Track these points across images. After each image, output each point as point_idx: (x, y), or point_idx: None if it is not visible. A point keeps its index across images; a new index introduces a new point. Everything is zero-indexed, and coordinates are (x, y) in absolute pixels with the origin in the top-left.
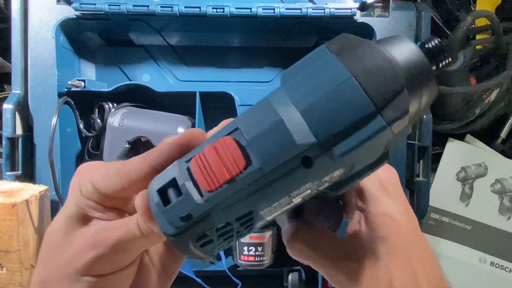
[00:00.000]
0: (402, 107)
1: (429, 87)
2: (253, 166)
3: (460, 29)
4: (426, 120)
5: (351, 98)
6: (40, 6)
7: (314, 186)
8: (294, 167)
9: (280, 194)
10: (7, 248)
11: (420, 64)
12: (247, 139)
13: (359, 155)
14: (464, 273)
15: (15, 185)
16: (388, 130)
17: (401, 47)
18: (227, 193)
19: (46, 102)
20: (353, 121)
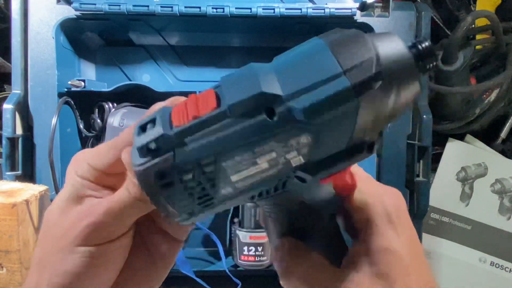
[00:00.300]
0: (368, 71)
1: (409, 83)
2: (220, 108)
3: (460, 29)
4: (426, 120)
5: (320, 60)
6: (40, 6)
7: (280, 150)
8: (258, 116)
9: (244, 147)
10: (7, 248)
11: (402, 57)
12: (222, 90)
13: (324, 119)
14: (464, 273)
15: (15, 185)
16: (353, 95)
17: (388, 39)
18: (193, 130)
19: (46, 102)
20: (318, 79)
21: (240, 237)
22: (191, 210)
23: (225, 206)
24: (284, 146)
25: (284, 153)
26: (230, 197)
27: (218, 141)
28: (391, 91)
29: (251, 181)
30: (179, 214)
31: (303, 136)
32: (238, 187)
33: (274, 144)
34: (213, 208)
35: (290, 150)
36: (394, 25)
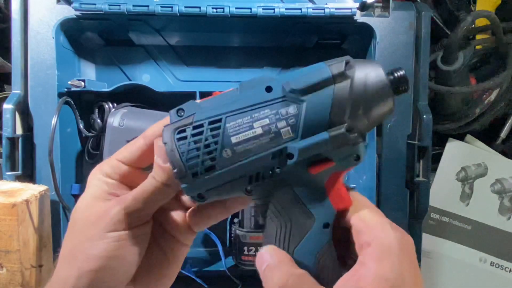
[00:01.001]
0: (341, 67)
1: (384, 100)
2: (233, 89)
3: (460, 29)
4: (426, 120)
5: (318, 68)
6: (40, 6)
7: (273, 117)
8: (260, 90)
9: (244, 112)
10: (7, 248)
11: (381, 80)
12: (240, 85)
13: (309, 96)
14: (464, 273)
15: (15, 185)
16: (331, 81)
17: (371, 64)
18: (210, 101)
19: (46, 102)
20: (308, 71)
21: (240, 237)
22: (196, 169)
23: (226, 175)
24: (276, 114)
25: (275, 121)
26: (230, 163)
27: (226, 105)
28: (359, 89)
29: (248, 145)
30: (186, 173)
31: (291, 106)
32: (236, 150)
33: (267, 111)
34: (214, 171)
35: (280, 118)
36: (394, 25)
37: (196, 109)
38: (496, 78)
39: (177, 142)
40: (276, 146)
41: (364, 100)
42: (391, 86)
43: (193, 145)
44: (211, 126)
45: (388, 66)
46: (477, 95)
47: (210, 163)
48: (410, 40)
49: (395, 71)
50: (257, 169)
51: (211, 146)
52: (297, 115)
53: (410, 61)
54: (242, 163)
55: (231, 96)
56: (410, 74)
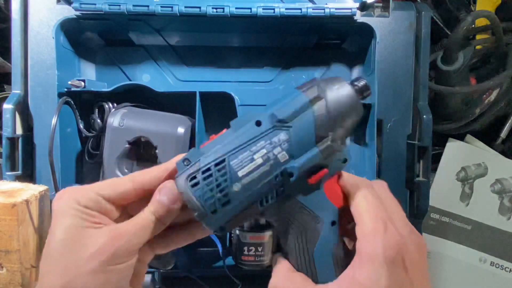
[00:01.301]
0: (314, 92)
1: (353, 107)
2: (226, 129)
3: (460, 29)
4: (426, 120)
5: (292, 95)
6: (40, 6)
7: (268, 147)
8: (251, 126)
9: (243, 148)
10: (7, 248)
11: (348, 94)
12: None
13: (294, 121)
14: (464, 273)
15: (15, 185)
16: (309, 104)
17: (337, 81)
18: (210, 145)
19: (46, 102)
20: (288, 100)
21: (240, 237)
22: (214, 208)
23: (241, 205)
24: (270, 143)
25: (271, 149)
26: (241, 195)
27: (225, 146)
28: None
29: (253, 176)
30: (206, 213)
31: (282, 133)
32: (244, 182)
33: (263, 143)
34: (229, 205)
35: (275, 146)
36: (394, 25)
37: (199, 155)
38: (496, 78)
39: (191, 189)
40: (277, 170)
41: (340, 114)
42: (357, 96)
43: (206, 188)
44: (217, 168)
45: (389, 66)
46: (477, 95)
47: (225, 199)
48: (410, 40)
49: (357, 81)
50: (265, 193)
51: (222, 184)
52: (288, 140)
53: (410, 61)
54: (252, 191)
55: (227, 137)
56: (410, 74)
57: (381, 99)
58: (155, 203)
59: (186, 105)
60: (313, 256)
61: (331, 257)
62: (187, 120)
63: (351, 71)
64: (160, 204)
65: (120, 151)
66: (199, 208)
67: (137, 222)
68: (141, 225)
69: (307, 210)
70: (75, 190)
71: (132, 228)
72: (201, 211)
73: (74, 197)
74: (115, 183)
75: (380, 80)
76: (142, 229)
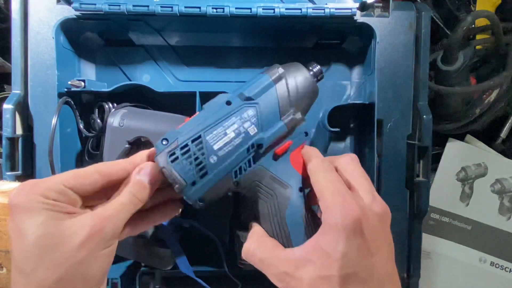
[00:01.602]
0: (276, 72)
1: (312, 89)
2: (201, 111)
3: (460, 29)
4: (426, 120)
5: (261, 78)
6: (40, 6)
7: (239, 122)
8: (222, 106)
9: (216, 124)
10: (7, 248)
11: (304, 75)
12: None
13: (261, 97)
14: (464, 273)
15: (15, 185)
16: (272, 83)
17: (295, 66)
18: (186, 125)
19: (46, 102)
20: (254, 81)
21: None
22: (193, 179)
23: (217, 176)
24: (240, 118)
25: (241, 124)
26: (217, 166)
27: (200, 124)
28: (293, 86)
29: (227, 148)
30: (186, 185)
31: (250, 109)
32: (220, 154)
33: (234, 118)
34: (207, 176)
35: (245, 121)
36: (394, 25)
37: (176, 135)
38: (496, 78)
39: (172, 164)
40: (248, 142)
41: (299, 92)
42: (313, 78)
43: (185, 162)
44: (195, 143)
45: (388, 66)
46: (477, 95)
47: (203, 171)
48: (410, 40)
49: (312, 66)
50: (238, 164)
51: (200, 158)
52: (256, 115)
53: (410, 61)
54: (227, 162)
55: (201, 117)
56: (410, 74)
57: (381, 99)
58: (135, 184)
59: (186, 105)
60: (285, 220)
61: (302, 223)
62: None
63: (351, 71)
64: (139, 184)
65: (120, 151)
66: (180, 180)
67: (118, 204)
68: (122, 206)
69: (276, 178)
70: (37, 184)
71: (115, 211)
72: (182, 184)
73: (38, 191)
74: (81, 175)
75: (380, 80)
76: (123, 210)
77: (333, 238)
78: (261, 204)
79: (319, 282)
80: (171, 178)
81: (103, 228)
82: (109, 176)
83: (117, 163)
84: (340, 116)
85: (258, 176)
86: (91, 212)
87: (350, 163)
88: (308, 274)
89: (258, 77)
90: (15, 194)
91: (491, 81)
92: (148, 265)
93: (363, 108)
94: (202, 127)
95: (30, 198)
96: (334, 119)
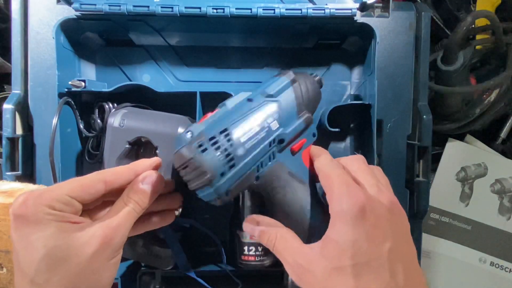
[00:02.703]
0: (291, 75)
1: (318, 93)
2: (221, 107)
3: (460, 29)
4: (426, 120)
5: (274, 79)
6: (40, 6)
7: (262, 117)
8: (244, 102)
9: (242, 119)
10: (7, 248)
11: (312, 81)
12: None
13: (281, 95)
14: (463, 273)
15: (15, 185)
16: (289, 84)
17: (303, 73)
18: (211, 118)
19: (46, 102)
20: (273, 81)
21: (241, 237)
22: (222, 170)
23: (243, 169)
24: (263, 113)
25: (265, 118)
26: (244, 158)
27: (225, 118)
28: (305, 89)
29: (253, 141)
30: (215, 175)
31: (272, 106)
32: (247, 147)
33: (257, 113)
34: (235, 168)
35: (268, 116)
36: (394, 25)
37: (200, 128)
38: (496, 78)
39: (201, 154)
40: (270, 137)
41: (310, 95)
42: (319, 84)
43: (214, 152)
44: (223, 135)
45: (389, 66)
46: (477, 95)
47: (231, 162)
48: (410, 40)
49: (315, 76)
50: (261, 158)
51: (228, 149)
52: (277, 111)
53: (410, 61)
54: (252, 155)
55: (224, 112)
56: (410, 74)
57: (381, 99)
58: (139, 192)
59: (186, 105)
60: (304, 215)
61: (320, 219)
62: (188, 120)
63: (351, 71)
64: (143, 192)
65: (120, 151)
66: (211, 170)
67: (125, 213)
68: (128, 215)
69: (293, 174)
70: (42, 195)
71: (122, 220)
72: (212, 174)
73: (45, 202)
74: (86, 185)
75: (380, 80)
76: (130, 219)
77: (340, 226)
78: (280, 199)
79: (333, 274)
80: (202, 168)
81: (113, 238)
82: (112, 184)
83: (121, 172)
84: (340, 116)
85: (276, 171)
86: (100, 223)
87: (356, 161)
88: (321, 268)
89: (274, 78)
90: (20, 205)
91: (491, 81)
92: (148, 265)
93: (363, 108)
94: (228, 120)
95: (37, 210)
96: (334, 119)
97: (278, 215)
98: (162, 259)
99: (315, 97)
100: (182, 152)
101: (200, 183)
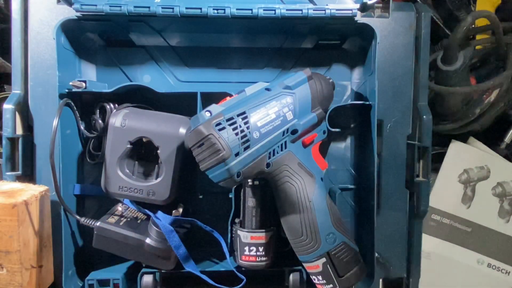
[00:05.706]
0: (308, 72)
1: (331, 92)
2: (240, 93)
3: (460, 29)
4: (426, 120)
5: (292, 74)
6: (41, 6)
7: (279, 106)
8: (262, 91)
9: (260, 105)
10: (7, 249)
11: (327, 80)
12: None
13: (297, 88)
14: (461, 274)
15: (15, 185)
16: (306, 79)
17: (317, 73)
18: (230, 100)
19: (46, 103)
20: (291, 75)
21: (241, 237)
22: (237, 150)
23: (257, 152)
24: (280, 103)
25: (281, 108)
26: (259, 141)
27: (243, 102)
28: (320, 86)
29: (268, 127)
30: (230, 154)
31: (288, 97)
32: (262, 131)
33: (274, 102)
34: (249, 150)
35: (284, 106)
36: (394, 25)
37: (219, 109)
38: (496, 78)
39: (219, 131)
40: (285, 126)
41: (324, 93)
42: (332, 86)
43: (231, 132)
44: (241, 117)
45: (389, 67)
46: (477, 95)
47: (247, 144)
48: (410, 40)
49: (330, 79)
50: (273, 146)
51: (245, 131)
52: (293, 103)
53: (410, 61)
54: (266, 140)
55: (243, 97)
56: (410, 74)
57: (381, 99)
58: None
59: (187, 105)
60: (312, 205)
61: (327, 209)
62: (188, 121)
63: (352, 71)
64: None
65: (122, 152)
66: (227, 148)
67: None
68: None
69: (303, 165)
70: None
71: None
72: (228, 151)
73: None
74: None
75: (380, 81)
76: None
77: None
78: (289, 187)
79: None
80: (217, 145)
81: None
82: None
83: None
84: (341, 116)
85: (287, 161)
86: None
87: None
88: None
89: (292, 73)
90: None
91: (491, 81)
92: (149, 265)
93: (363, 108)
94: (246, 105)
95: None
96: (334, 119)
97: (284, 205)
98: (163, 259)
99: (329, 96)
100: (200, 129)
101: (214, 160)
